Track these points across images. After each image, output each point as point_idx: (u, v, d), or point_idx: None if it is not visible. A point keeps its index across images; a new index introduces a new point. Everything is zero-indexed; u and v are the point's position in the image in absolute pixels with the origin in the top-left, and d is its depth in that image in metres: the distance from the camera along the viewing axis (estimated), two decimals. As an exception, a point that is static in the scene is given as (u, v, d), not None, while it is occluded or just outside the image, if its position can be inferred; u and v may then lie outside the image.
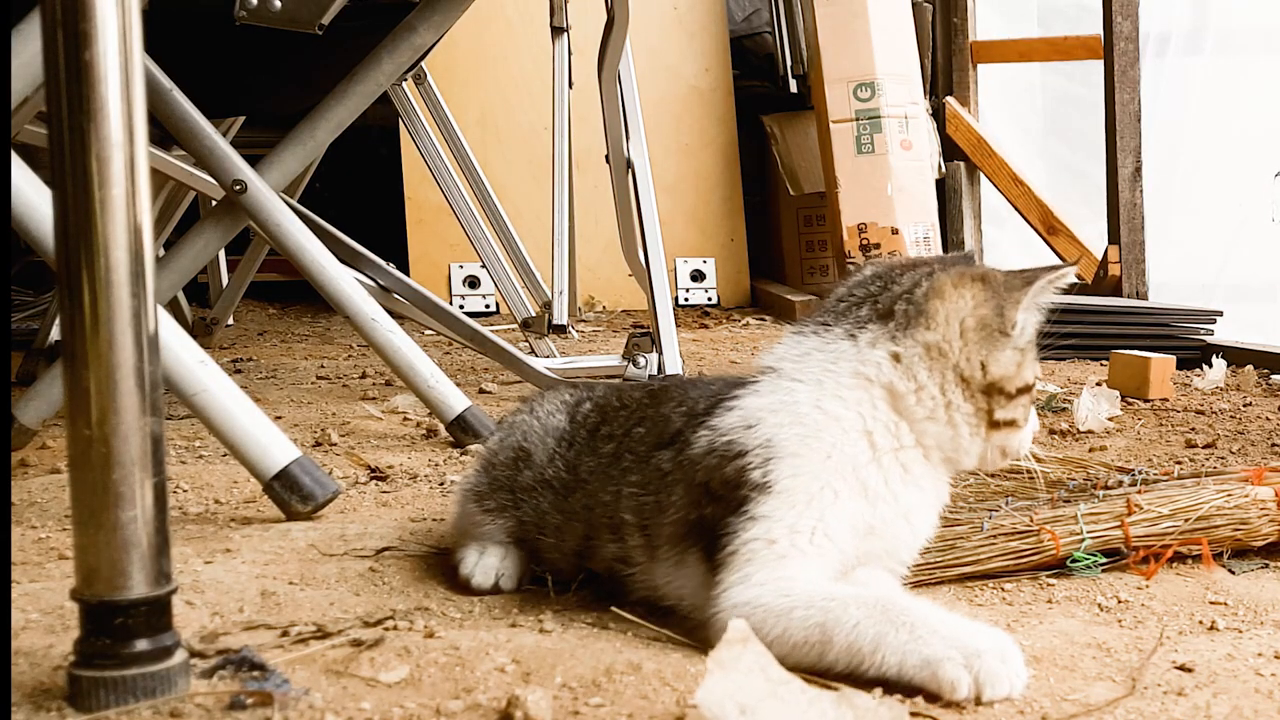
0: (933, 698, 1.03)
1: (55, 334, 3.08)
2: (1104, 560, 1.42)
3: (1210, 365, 2.91)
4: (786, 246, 5.05)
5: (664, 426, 1.29)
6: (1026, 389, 1.22)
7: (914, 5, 4.51)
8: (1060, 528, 1.42)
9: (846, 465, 1.17)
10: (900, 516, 1.20)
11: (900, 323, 1.20)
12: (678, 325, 2.77)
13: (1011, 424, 1.21)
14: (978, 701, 1.03)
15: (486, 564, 1.37)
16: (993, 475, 1.63)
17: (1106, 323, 3.39)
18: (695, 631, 1.17)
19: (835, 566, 1.18)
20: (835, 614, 1.08)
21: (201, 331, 3.67)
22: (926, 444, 1.21)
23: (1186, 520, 1.43)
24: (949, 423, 1.20)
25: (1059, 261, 1.24)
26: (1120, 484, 1.57)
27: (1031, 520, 1.43)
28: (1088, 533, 1.41)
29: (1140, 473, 1.60)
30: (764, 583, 1.12)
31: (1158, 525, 1.43)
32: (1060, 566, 1.41)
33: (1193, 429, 2.34)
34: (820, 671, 1.07)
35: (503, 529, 1.39)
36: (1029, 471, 1.63)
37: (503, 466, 1.42)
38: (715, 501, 1.18)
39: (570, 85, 3.53)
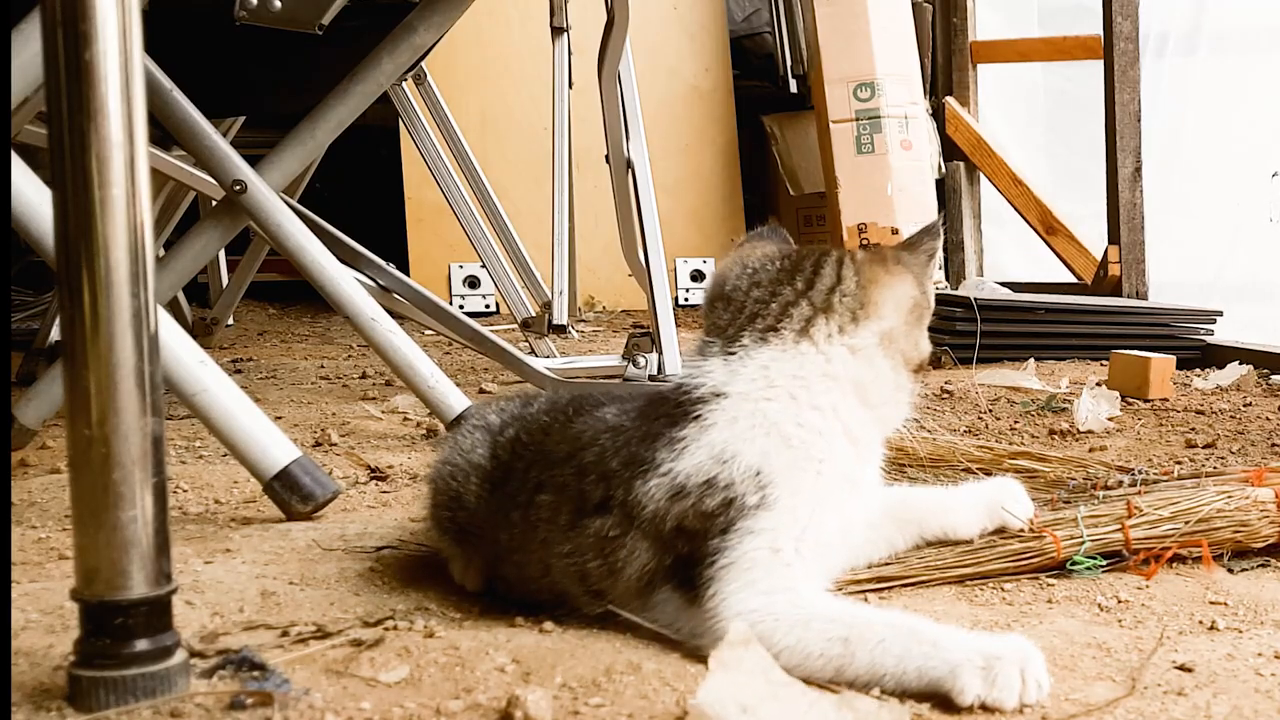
0: (935, 702, 1.03)
1: (55, 334, 3.08)
2: (1104, 563, 1.41)
3: (1220, 368, 2.93)
4: (786, 246, 5.04)
5: (580, 496, 1.20)
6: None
7: (914, 5, 4.51)
8: (1060, 531, 1.41)
9: (839, 474, 1.18)
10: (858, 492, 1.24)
11: (845, 316, 1.21)
12: (678, 325, 2.77)
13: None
14: (983, 706, 1.02)
15: (475, 570, 1.35)
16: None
17: (1106, 323, 3.39)
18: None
19: (831, 570, 1.19)
20: (860, 630, 1.07)
21: (201, 331, 3.68)
22: (887, 428, 1.26)
23: (1187, 523, 1.43)
24: (897, 404, 1.24)
25: (931, 230, 1.29)
26: (1120, 484, 1.56)
27: (1032, 523, 1.43)
28: (1088, 536, 1.41)
29: (1140, 473, 1.60)
30: (772, 591, 1.11)
31: (1158, 528, 1.43)
32: (1060, 569, 1.41)
33: (1193, 429, 2.34)
34: (826, 682, 1.07)
35: (472, 551, 1.35)
36: (1028, 471, 1.64)
37: (442, 508, 1.38)
38: (692, 537, 1.14)
39: (570, 85, 3.53)
